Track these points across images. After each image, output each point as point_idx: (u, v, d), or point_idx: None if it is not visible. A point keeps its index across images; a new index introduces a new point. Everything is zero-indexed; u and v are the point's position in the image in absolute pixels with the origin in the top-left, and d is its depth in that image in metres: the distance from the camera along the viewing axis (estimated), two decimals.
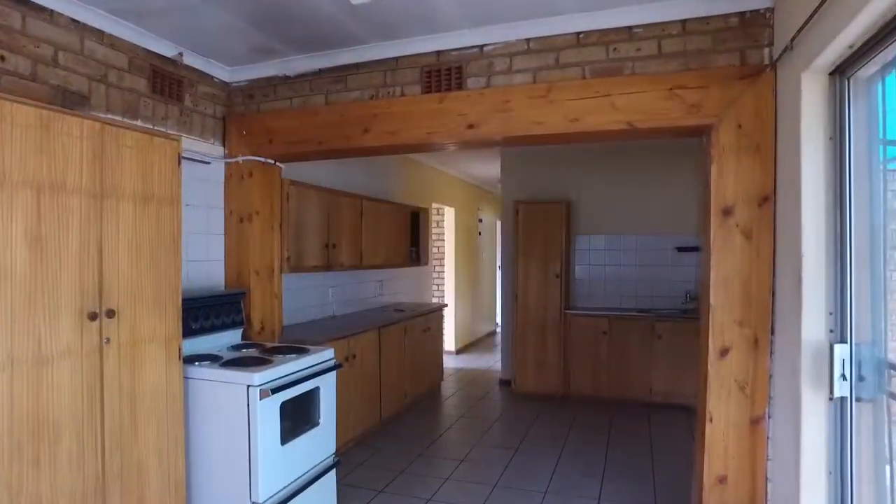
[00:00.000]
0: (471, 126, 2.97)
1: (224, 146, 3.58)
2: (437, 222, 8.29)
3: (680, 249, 5.70)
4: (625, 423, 4.90)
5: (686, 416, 5.13)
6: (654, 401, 5.41)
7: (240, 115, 3.56)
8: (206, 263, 3.44)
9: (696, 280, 5.66)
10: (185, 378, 2.61)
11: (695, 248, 5.60)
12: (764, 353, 2.48)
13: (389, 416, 4.91)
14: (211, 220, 3.49)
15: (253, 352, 3.07)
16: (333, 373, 3.13)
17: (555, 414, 5.20)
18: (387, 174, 6.15)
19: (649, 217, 5.87)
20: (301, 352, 3.04)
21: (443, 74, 3.05)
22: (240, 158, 3.51)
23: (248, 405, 2.51)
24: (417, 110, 3.08)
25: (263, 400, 2.51)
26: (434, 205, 7.72)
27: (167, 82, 3.10)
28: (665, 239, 5.82)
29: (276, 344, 3.36)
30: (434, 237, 8.20)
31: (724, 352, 2.54)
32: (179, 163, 2.49)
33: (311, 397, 2.98)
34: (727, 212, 2.53)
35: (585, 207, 6.09)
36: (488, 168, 7.78)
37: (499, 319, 10.26)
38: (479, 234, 9.60)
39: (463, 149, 3.28)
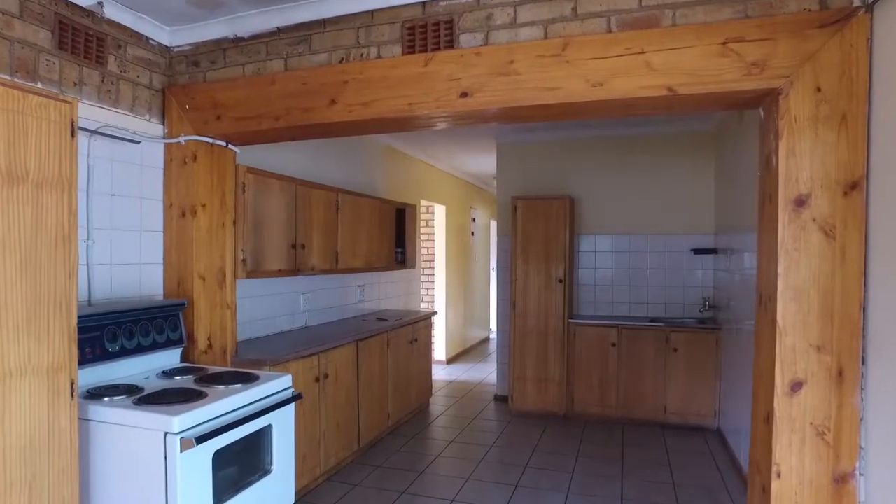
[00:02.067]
0: (464, 94, 2.35)
1: (164, 124, 2.94)
2: (427, 221, 7.67)
3: (696, 251, 5.11)
4: (638, 449, 4.29)
5: (705, 439, 4.54)
6: (670, 421, 4.82)
7: (183, 86, 2.91)
8: (137, 268, 2.79)
9: (713, 286, 5.07)
10: (86, 420, 1.97)
11: (712, 251, 5.02)
12: (851, 389, 1.88)
13: (370, 443, 4.27)
14: (146, 213, 2.85)
15: (187, 380, 2.42)
16: (291, 406, 2.49)
17: (558, 437, 4.59)
18: (369, 166, 5.52)
19: (662, 215, 5.28)
20: (248, 380, 2.40)
21: (429, 30, 2.43)
22: (181, 138, 2.87)
23: (166, 458, 1.87)
24: (397, 75, 2.45)
25: (186, 452, 1.87)
26: (423, 202, 7.10)
27: (82, 39, 2.46)
28: (679, 239, 5.22)
29: (221, 368, 2.71)
30: (423, 237, 7.58)
31: (795, 385, 1.93)
32: (74, 133, 1.85)
33: (259, 439, 2.34)
34: (801, 202, 1.93)
35: (590, 204, 5.49)
36: (482, 162, 7.18)
37: (493, 325, 9.65)
38: (472, 234, 8.99)
39: (454, 124, 2.65)
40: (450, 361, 7.69)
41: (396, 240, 5.35)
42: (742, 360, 3.83)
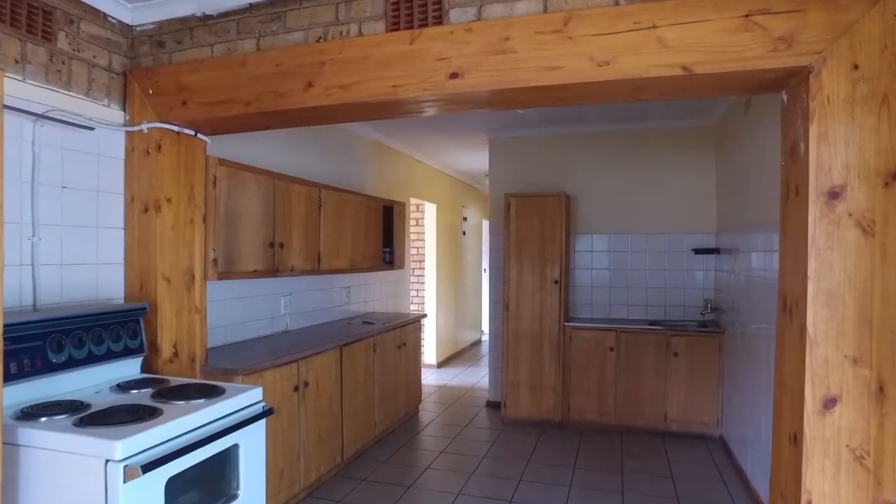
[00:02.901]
0: (454, 75, 2.11)
1: (125, 110, 2.67)
2: (417, 220, 7.42)
3: (697, 251, 4.90)
4: (639, 460, 4.07)
5: (707, 448, 4.32)
6: (670, 429, 4.60)
7: (146, 69, 2.65)
8: (93, 268, 2.52)
9: (715, 287, 4.87)
10: (13, 445, 1.70)
11: (714, 251, 4.81)
12: (894, 407, 1.65)
13: (355, 454, 4.02)
14: (103, 208, 2.58)
15: (143, 394, 2.16)
16: (261, 423, 2.24)
17: (554, 447, 4.36)
18: (355, 161, 5.26)
19: (661, 214, 5.07)
20: (212, 394, 2.14)
21: (416, 5, 2.18)
22: (143, 126, 2.61)
23: (107, 490, 1.61)
24: (380, 55, 2.21)
25: (131, 482, 1.61)
26: (413, 200, 6.85)
27: (24, 10, 2.18)
28: (679, 239, 5.02)
29: (184, 380, 2.45)
30: (413, 237, 7.33)
31: (829, 402, 1.71)
32: None
33: (224, 461, 2.08)
34: (834, 195, 1.71)
35: (587, 202, 5.26)
36: (474, 160, 6.94)
37: (484, 327, 9.43)
38: (464, 233, 8.75)
39: (444, 110, 2.41)
40: (440, 365, 7.45)
41: (384, 239, 5.10)
42: (747, 366, 3.62)
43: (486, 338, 9.29)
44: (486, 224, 9.67)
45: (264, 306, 3.93)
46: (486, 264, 9.47)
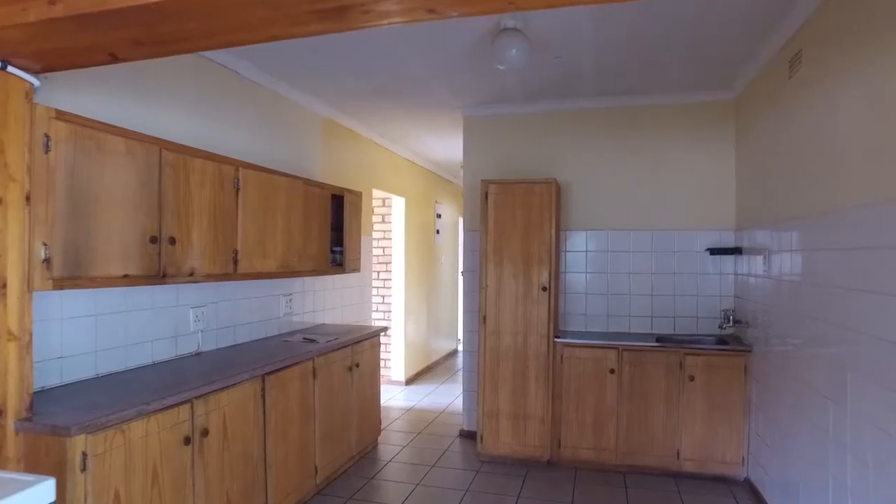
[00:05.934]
0: None
1: None
2: (383, 216, 6.49)
3: (713, 251, 4.06)
4: None
5: (732, 493, 3.47)
6: (684, 469, 3.73)
7: None
8: None
9: (735, 295, 4.03)
10: None
11: (735, 250, 3.97)
12: None
13: None
14: None
15: None
16: None
17: (541, 497, 3.45)
18: (302, 143, 4.30)
19: (669, 207, 4.22)
20: None
21: None
22: None
23: None
24: None
25: None
26: (377, 193, 5.91)
27: None
28: (691, 237, 4.17)
29: None
30: (378, 235, 6.39)
31: None
32: None
33: None
34: None
35: (580, 192, 4.39)
36: (448, 147, 6.06)
37: (461, 336, 8.51)
38: (438, 232, 7.83)
39: (379, 15, 1.47)
40: (409, 382, 6.51)
41: (334, 236, 4.15)
42: (793, 396, 2.77)
43: (461, 348, 8.38)
44: (462, 221, 8.76)
45: (165, 322, 2.97)
46: (462, 266, 8.56)
